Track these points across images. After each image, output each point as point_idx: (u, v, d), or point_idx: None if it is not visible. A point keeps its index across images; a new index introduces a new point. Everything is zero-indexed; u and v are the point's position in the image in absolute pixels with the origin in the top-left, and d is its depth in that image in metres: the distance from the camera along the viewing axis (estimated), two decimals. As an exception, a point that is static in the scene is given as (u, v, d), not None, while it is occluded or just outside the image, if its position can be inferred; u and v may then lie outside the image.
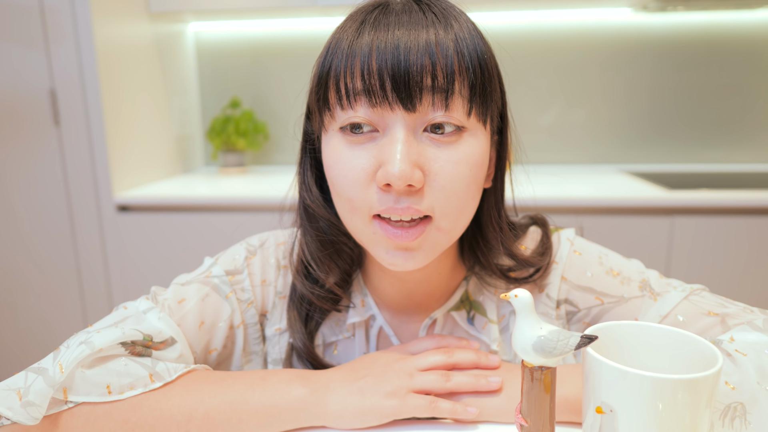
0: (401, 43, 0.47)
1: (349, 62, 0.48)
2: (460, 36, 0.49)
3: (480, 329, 0.63)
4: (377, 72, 0.47)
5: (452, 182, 0.49)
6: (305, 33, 2.01)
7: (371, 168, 0.49)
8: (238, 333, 0.62)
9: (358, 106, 0.49)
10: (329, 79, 0.50)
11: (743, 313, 0.55)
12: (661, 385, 0.36)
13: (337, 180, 0.52)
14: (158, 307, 0.58)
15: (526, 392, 0.42)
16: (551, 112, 1.99)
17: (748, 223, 1.45)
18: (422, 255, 0.52)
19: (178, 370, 0.53)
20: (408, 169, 0.47)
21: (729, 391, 0.46)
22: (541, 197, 1.42)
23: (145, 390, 0.50)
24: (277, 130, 2.11)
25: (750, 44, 1.87)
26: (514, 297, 0.41)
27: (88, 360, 0.49)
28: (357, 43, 0.48)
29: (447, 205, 0.50)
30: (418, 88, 0.47)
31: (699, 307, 0.56)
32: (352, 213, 0.52)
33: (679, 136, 1.96)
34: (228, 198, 1.58)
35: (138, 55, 1.74)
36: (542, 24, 1.92)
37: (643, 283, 0.60)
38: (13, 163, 1.64)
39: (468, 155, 0.50)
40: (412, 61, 0.46)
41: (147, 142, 1.79)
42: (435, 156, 0.49)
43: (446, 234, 0.52)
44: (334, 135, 0.52)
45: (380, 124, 0.49)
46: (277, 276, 0.65)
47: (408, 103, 0.47)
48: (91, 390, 0.48)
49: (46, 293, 1.72)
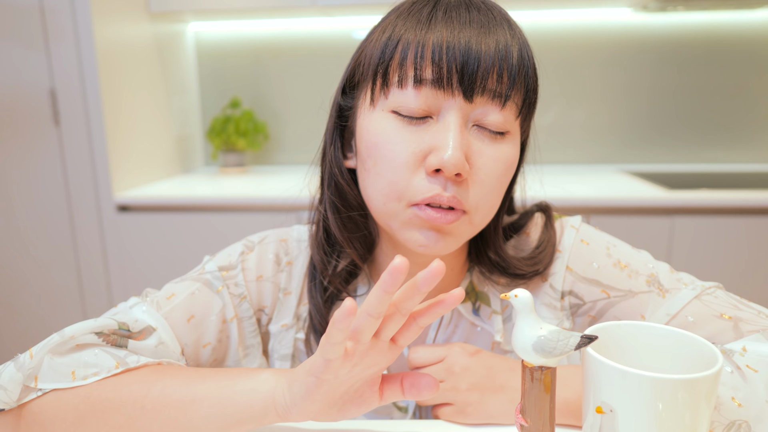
0: (473, 39, 0.48)
1: (420, 48, 0.49)
2: (523, 43, 0.51)
3: (485, 319, 0.63)
4: (446, 61, 0.48)
5: (491, 179, 0.51)
6: (305, 33, 2.01)
7: (421, 152, 0.50)
8: (231, 327, 0.61)
9: (422, 88, 0.49)
10: (394, 57, 0.50)
11: (758, 319, 0.53)
12: (661, 385, 0.36)
13: (382, 161, 0.51)
14: (145, 303, 0.58)
15: (526, 392, 0.42)
16: (551, 112, 1.99)
17: (748, 223, 1.45)
18: (451, 241, 0.53)
19: (147, 361, 0.52)
20: (461, 157, 0.48)
21: (735, 408, 0.45)
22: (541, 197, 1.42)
23: (107, 375, 0.50)
24: (277, 130, 2.11)
25: (750, 44, 1.87)
26: (514, 297, 0.41)
27: (60, 348, 0.50)
28: (429, 32, 0.49)
29: (483, 201, 0.52)
30: (482, 84, 0.49)
31: (711, 308, 0.54)
32: (388, 197, 0.52)
33: (679, 136, 1.96)
34: (228, 198, 1.58)
35: (138, 55, 1.74)
36: (542, 24, 1.92)
37: (651, 277, 0.58)
38: (13, 163, 1.64)
39: (508, 155, 0.52)
40: (482, 59, 0.48)
41: (147, 142, 1.79)
42: (480, 150, 0.50)
43: (474, 228, 0.54)
44: (383, 113, 0.52)
45: (436, 109, 0.50)
46: (276, 271, 0.64)
47: (469, 93, 0.49)
48: (57, 378, 0.49)
49: (46, 293, 1.72)
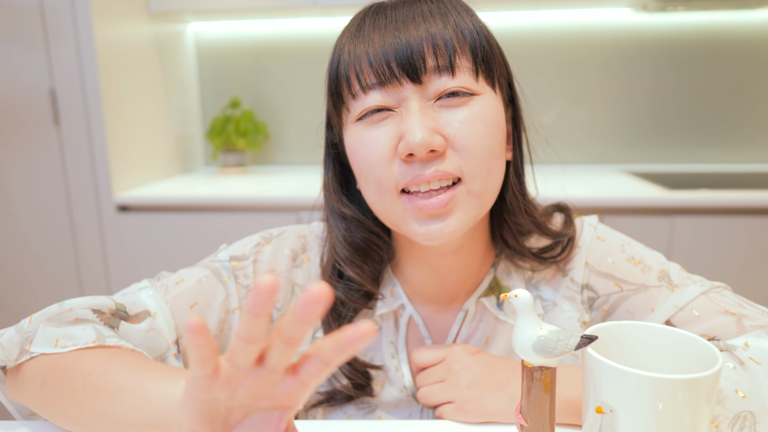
0: (401, 28, 0.50)
1: (354, 55, 0.52)
2: (457, 16, 0.52)
3: (509, 314, 0.63)
4: (382, 55, 0.50)
5: (473, 140, 0.51)
6: (305, 33, 2.01)
7: (392, 143, 0.51)
8: (233, 318, 0.62)
9: (370, 92, 0.51)
10: (339, 76, 0.53)
11: (761, 316, 0.54)
12: (661, 385, 0.36)
13: (363, 163, 0.53)
14: (153, 287, 0.59)
15: (526, 392, 0.42)
16: (551, 112, 1.99)
17: (748, 223, 1.45)
18: (456, 220, 0.52)
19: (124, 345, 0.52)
20: (427, 135, 0.49)
21: (739, 400, 0.45)
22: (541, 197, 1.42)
23: (82, 347, 0.51)
24: (277, 130, 2.11)
25: (750, 44, 1.87)
26: (514, 297, 0.41)
27: (56, 318, 0.53)
28: (360, 39, 0.52)
29: (473, 164, 0.51)
30: (421, 59, 0.50)
31: (717, 304, 0.56)
32: (380, 194, 0.53)
33: (679, 136, 1.96)
34: (228, 198, 1.58)
35: (138, 55, 1.74)
36: (542, 24, 1.92)
37: (662, 273, 0.60)
38: (13, 163, 1.64)
39: (482, 113, 0.52)
40: (412, 39, 0.50)
41: (147, 142, 1.79)
42: (450, 119, 0.51)
43: (478, 198, 0.53)
44: (352, 126, 0.54)
45: (394, 103, 0.51)
46: (290, 267, 0.64)
47: (415, 76, 0.50)
48: (44, 343, 0.52)
49: (46, 293, 1.72)
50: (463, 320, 0.63)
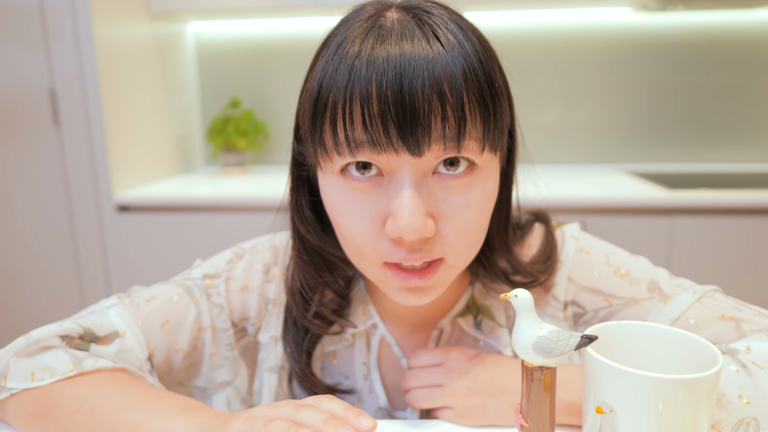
0: (404, 81, 0.42)
1: (347, 106, 0.43)
2: (470, 64, 0.43)
3: (488, 333, 0.62)
4: (380, 117, 0.42)
5: (465, 226, 0.47)
6: (305, 33, 2.01)
7: (379, 217, 0.46)
8: (205, 336, 0.60)
9: (360, 152, 0.44)
10: (325, 121, 0.45)
11: (759, 319, 0.53)
12: (661, 385, 0.36)
13: (344, 229, 0.49)
14: (122, 304, 0.59)
15: (526, 392, 0.42)
16: (551, 112, 1.99)
17: (748, 223, 1.45)
18: (434, 292, 0.51)
19: (102, 365, 0.52)
20: (420, 224, 0.43)
21: (743, 406, 0.44)
22: (541, 197, 1.42)
23: (61, 378, 0.51)
24: (277, 130, 2.11)
25: (750, 44, 1.87)
26: (514, 297, 0.41)
27: (25, 350, 0.53)
28: (355, 79, 0.43)
29: (459, 247, 0.48)
30: (426, 133, 0.42)
31: (712, 310, 0.54)
32: (360, 259, 0.50)
33: (679, 136, 1.96)
34: (228, 198, 1.58)
35: (138, 55, 1.74)
36: (542, 24, 1.92)
37: (651, 284, 0.58)
38: (13, 163, 1.64)
39: (480, 196, 0.47)
40: (418, 104, 0.42)
41: (147, 142, 1.79)
42: (445, 200, 0.46)
43: (458, 269, 0.51)
44: (332, 177, 0.47)
45: (385, 168, 0.45)
46: (263, 281, 0.62)
47: (415, 149, 0.43)
48: (20, 377, 0.51)
49: (46, 293, 1.72)
50: (438, 339, 0.62)
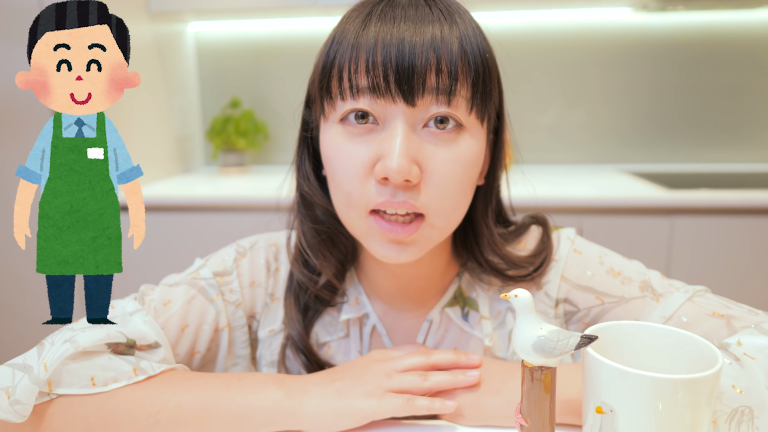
0: (406, 37, 0.47)
1: (353, 54, 0.49)
2: (465, 34, 0.49)
3: (474, 325, 0.63)
4: (381, 65, 0.48)
5: (448, 181, 0.50)
6: (305, 33, 2.01)
7: (369, 161, 0.50)
8: (222, 335, 0.61)
9: (360, 97, 0.49)
10: (333, 69, 0.51)
11: (749, 316, 0.54)
12: (661, 385, 0.36)
13: (336, 173, 0.52)
14: (144, 310, 0.57)
15: (526, 392, 0.42)
16: (551, 112, 1.99)
17: (748, 223, 1.45)
18: (415, 249, 0.53)
19: (161, 367, 0.52)
20: (406, 165, 0.47)
21: (737, 395, 0.45)
22: (541, 197, 1.42)
23: (129, 382, 0.50)
24: (277, 130, 2.11)
25: (750, 44, 1.87)
26: (514, 297, 0.41)
27: (77, 356, 0.50)
28: (363, 35, 0.49)
29: (441, 203, 0.51)
30: (421, 83, 0.48)
31: (703, 308, 0.56)
32: (348, 207, 0.53)
33: (679, 136, 1.96)
34: (228, 198, 1.58)
35: (138, 55, 1.74)
36: (542, 24, 1.92)
37: (644, 283, 0.59)
38: (13, 163, 1.63)
39: (465, 154, 0.51)
40: (416, 57, 0.47)
41: (147, 142, 1.79)
42: (433, 153, 0.50)
43: (439, 231, 0.53)
44: (333, 125, 0.52)
45: (381, 116, 0.50)
46: (267, 277, 0.65)
47: (410, 97, 0.48)
48: (75, 382, 0.49)
49: (46, 293, 1.72)
50: (428, 330, 0.63)
